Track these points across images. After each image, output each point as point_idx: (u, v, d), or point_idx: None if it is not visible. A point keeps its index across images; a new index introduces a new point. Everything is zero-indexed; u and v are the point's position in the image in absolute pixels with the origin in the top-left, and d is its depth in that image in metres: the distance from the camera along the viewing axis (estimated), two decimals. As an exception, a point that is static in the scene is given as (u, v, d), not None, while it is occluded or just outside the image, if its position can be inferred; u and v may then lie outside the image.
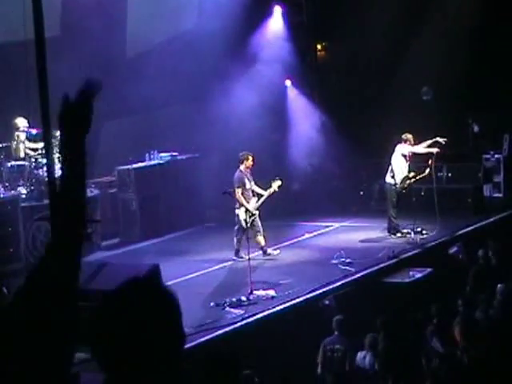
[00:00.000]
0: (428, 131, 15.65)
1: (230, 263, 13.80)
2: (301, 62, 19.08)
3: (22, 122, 14.48)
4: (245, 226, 13.44)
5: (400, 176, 15.16)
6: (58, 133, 12.99)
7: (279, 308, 11.14)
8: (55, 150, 10.48)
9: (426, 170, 15.13)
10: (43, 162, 13.64)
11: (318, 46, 20.72)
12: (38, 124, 10.57)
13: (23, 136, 14.59)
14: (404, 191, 15.25)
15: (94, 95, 2.57)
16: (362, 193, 18.76)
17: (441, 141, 14.97)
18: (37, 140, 14.26)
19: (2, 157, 14.38)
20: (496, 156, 17.71)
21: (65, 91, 2.59)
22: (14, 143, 14.61)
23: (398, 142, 15.30)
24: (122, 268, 10.35)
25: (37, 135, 13.95)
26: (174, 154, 17.19)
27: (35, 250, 13.84)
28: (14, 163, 14.46)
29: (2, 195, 14.00)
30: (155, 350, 2.27)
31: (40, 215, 13.50)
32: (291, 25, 19.32)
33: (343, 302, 11.43)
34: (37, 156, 14.33)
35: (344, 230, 16.42)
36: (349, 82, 19.58)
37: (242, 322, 10.53)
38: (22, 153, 14.59)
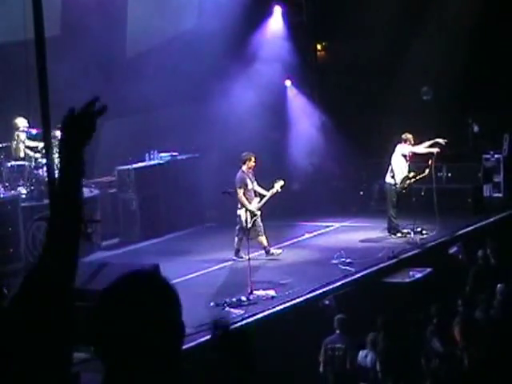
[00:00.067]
0: (428, 131, 15.64)
1: (229, 263, 13.79)
2: (301, 61, 19.06)
3: (21, 121, 14.47)
4: (246, 226, 13.44)
5: (400, 176, 15.16)
6: (57, 132, 12.93)
7: (279, 308, 11.14)
8: (55, 150, 10.50)
9: (426, 170, 15.14)
10: (43, 161, 13.64)
11: (318, 46, 20.71)
12: (38, 124, 10.59)
13: (23, 136, 14.59)
14: (404, 191, 15.24)
15: (100, 113, 2.62)
16: (361, 193, 18.75)
17: (441, 142, 14.97)
18: (36, 139, 14.27)
19: (1, 157, 14.37)
20: (496, 156, 17.71)
21: (71, 106, 2.63)
22: (14, 143, 14.60)
23: (398, 142, 15.30)
24: (122, 268, 10.34)
25: (37, 135, 13.94)
26: (173, 153, 17.18)
27: (35, 250, 13.83)
28: (14, 163, 14.46)
29: (2, 195, 13.99)
30: (155, 342, 2.27)
31: (40, 215, 13.49)
32: (291, 25, 19.31)
33: (343, 302, 11.43)
34: (36, 156, 14.34)
35: (344, 230, 16.42)
36: (349, 81, 19.57)
37: (242, 322, 10.52)
38: (22, 153, 14.59)
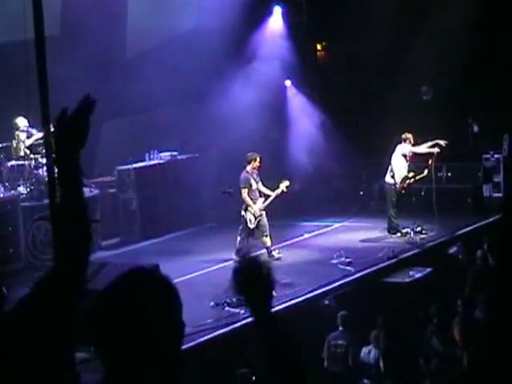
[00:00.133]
0: (428, 131, 15.64)
1: (229, 263, 13.77)
2: (301, 61, 19.05)
3: (22, 121, 14.48)
4: (250, 226, 13.41)
5: (400, 176, 15.16)
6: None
7: (279, 308, 11.13)
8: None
9: (425, 170, 15.13)
10: (43, 161, 13.64)
11: (318, 46, 20.71)
12: (38, 124, 10.58)
13: (23, 136, 14.59)
14: (403, 191, 15.24)
15: (92, 110, 2.59)
16: (361, 193, 18.75)
17: (441, 143, 14.97)
18: (33, 134, 14.27)
19: (2, 156, 14.38)
20: (496, 156, 17.70)
21: (64, 105, 2.59)
22: (14, 143, 14.61)
23: (398, 142, 15.31)
24: (122, 268, 10.32)
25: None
26: (173, 153, 17.18)
27: (35, 250, 13.84)
28: (14, 163, 14.46)
29: (2, 195, 13.99)
30: (155, 341, 2.27)
31: (40, 215, 13.49)
32: (291, 25, 19.30)
33: (343, 302, 11.43)
34: (35, 155, 14.35)
35: (344, 230, 16.42)
36: (349, 81, 19.58)
37: (242, 322, 10.52)
38: (22, 152, 14.59)
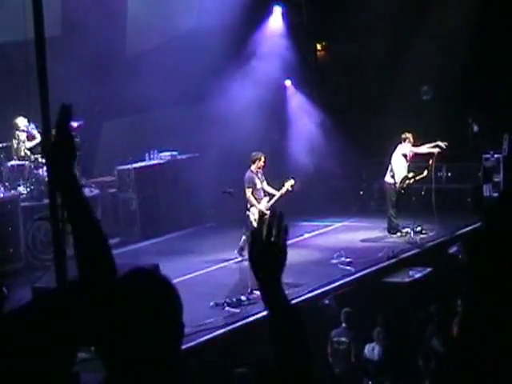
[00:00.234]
0: (428, 131, 15.64)
1: (230, 263, 13.78)
2: (301, 61, 19.05)
3: (22, 121, 14.49)
4: (256, 225, 13.40)
5: (399, 176, 15.16)
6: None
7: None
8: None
9: (425, 171, 15.12)
10: (43, 161, 13.64)
11: (318, 46, 20.70)
12: (38, 124, 10.58)
13: (23, 136, 14.60)
14: (403, 191, 15.24)
15: (70, 117, 2.57)
16: (361, 193, 18.75)
17: (442, 145, 14.97)
18: (33, 134, 14.28)
19: (2, 156, 14.38)
20: (496, 156, 17.68)
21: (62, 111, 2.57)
22: (14, 143, 14.61)
23: (398, 142, 15.32)
24: (122, 267, 10.33)
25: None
26: (173, 153, 17.18)
27: (35, 250, 13.84)
28: (14, 163, 14.47)
29: (2, 195, 13.99)
30: (155, 341, 2.27)
31: (40, 215, 13.49)
32: (291, 24, 19.29)
33: (343, 302, 11.43)
34: (35, 155, 14.36)
35: (344, 230, 16.42)
36: (349, 81, 19.57)
37: (242, 322, 10.52)
38: (23, 152, 14.60)
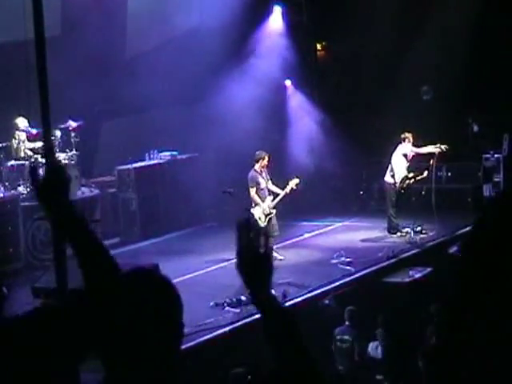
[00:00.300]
0: (428, 131, 15.64)
1: (229, 263, 13.77)
2: (301, 61, 19.05)
3: (22, 121, 14.49)
4: (261, 224, 13.43)
5: (400, 176, 15.16)
6: (57, 132, 12.95)
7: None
8: (55, 149, 10.51)
9: (425, 171, 15.11)
10: (43, 161, 13.63)
11: (318, 46, 20.70)
12: (38, 124, 10.58)
13: (23, 136, 14.61)
14: (403, 191, 15.24)
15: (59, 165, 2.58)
16: (362, 192, 18.75)
17: (442, 148, 14.97)
18: (36, 140, 14.29)
19: (2, 156, 14.38)
20: (496, 155, 17.66)
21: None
22: (14, 143, 14.61)
23: (399, 142, 15.32)
24: (122, 267, 10.33)
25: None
26: (173, 153, 17.18)
27: (35, 250, 13.84)
28: (14, 162, 14.47)
29: (2, 195, 14.00)
30: (155, 341, 2.27)
31: (40, 214, 13.49)
32: (291, 24, 19.30)
33: (343, 302, 11.43)
34: (35, 155, 14.36)
35: (344, 230, 16.42)
36: (349, 81, 19.56)
37: (242, 322, 10.52)
38: (22, 152, 14.60)
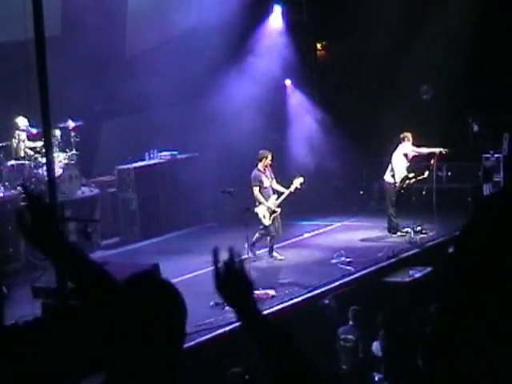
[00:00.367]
0: (428, 131, 15.64)
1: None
2: (301, 61, 19.04)
3: (22, 121, 14.49)
4: (266, 223, 13.45)
5: (400, 176, 15.15)
6: (57, 131, 12.93)
7: (279, 307, 11.13)
8: (55, 148, 10.51)
9: (426, 172, 15.11)
10: (43, 161, 13.63)
11: (318, 46, 20.69)
12: (38, 124, 10.58)
13: (23, 135, 14.60)
14: (403, 191, 15.23)
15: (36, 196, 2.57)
16: (362, 192, 18.75)
17: (443, 151, 14.98)
18: (36, 139, 14.28)
19: (1, 156, 14.37)
20: (496, 155, 17.66)
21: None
22: (14, 142, 14.61)
23: (399, 142, 15.32)
24: (122, 267, 10.33)
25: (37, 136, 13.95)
26: (173, 153, 17.17)
27: (35, 250, 13.81)
28: (14, 162, 14.46)
29: (2, 194, 13.99)
30: (156, 342, 2.27)
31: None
32: (291, 23, 19.28)
33: (343, 302, 11.43)
34: (36, 155, 14.35)
35: (344, 230, 16.41)
36: (349, 81, 19.56)
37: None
38: (22, 152, 14.60)
